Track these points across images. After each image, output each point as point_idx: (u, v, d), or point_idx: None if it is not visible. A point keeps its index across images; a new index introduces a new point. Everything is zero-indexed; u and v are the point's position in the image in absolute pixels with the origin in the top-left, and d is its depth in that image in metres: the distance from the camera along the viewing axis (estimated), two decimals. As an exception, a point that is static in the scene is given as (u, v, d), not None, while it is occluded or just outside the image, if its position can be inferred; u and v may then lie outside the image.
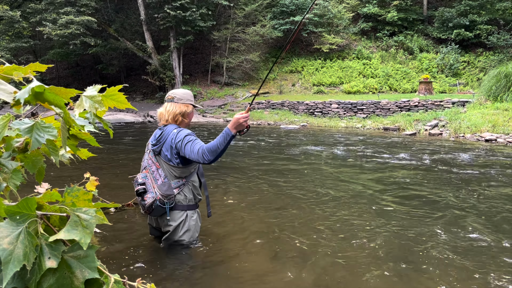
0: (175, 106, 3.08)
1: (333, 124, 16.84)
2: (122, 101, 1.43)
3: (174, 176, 3.01)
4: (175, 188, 3.00)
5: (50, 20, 23.73)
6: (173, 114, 3.06)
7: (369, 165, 7.38)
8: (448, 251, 3.25)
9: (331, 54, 27.24)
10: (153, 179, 3.00)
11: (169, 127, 3.04)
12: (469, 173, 6.58)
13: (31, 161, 1.49)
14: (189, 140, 2.87)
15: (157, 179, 2.99)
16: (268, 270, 2.88)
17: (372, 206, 4.62)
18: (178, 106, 3.08)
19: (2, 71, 1.22)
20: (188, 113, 3.13)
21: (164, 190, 2.93)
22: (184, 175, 3.05)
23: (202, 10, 24.71)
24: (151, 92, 28.50)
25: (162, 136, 3.03)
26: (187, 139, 2.88)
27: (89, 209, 1.00)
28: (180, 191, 3.02)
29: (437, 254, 3.18)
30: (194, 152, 2.81)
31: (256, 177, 6.29)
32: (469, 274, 2.84)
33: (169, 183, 2.98)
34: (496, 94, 14.56)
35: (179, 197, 3.02)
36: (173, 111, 3.07)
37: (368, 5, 27.51)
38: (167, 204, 2.95)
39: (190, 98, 3.17)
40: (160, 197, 2.92)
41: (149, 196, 2.94)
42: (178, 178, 3.02)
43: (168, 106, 3.10)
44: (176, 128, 3.01)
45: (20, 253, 0.87)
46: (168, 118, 3.07)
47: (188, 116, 3.14)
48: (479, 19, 23.91)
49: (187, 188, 3.06)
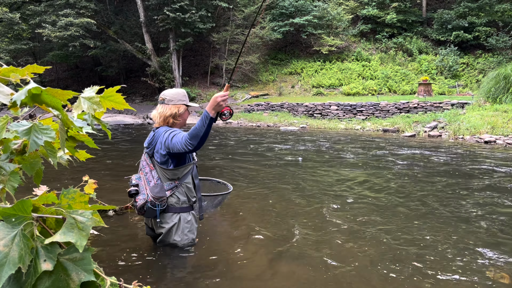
0: (166, 108, 3.03)
1: (332, 125, 16.84)
2: (120, 102, 1.43)
3: (167, 178, 2.99)
4: (168, 190, 2.97)
5: (50, 22, 23.75)
6: (164, 117, 3.02)
7: (367, 165, 7.38)
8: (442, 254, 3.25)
9: (331, 56, 27.27)
10: (146, 181, 3.00)
11: (160, 129, 3.01)
12: (471, 175, 6.58)
13: (29, 163, 1.49)
14: (174, 134, 2.85)
15: (150, 181, 2.98)
16: (265, 272, 2.87)
17: (372, 206, 4.61)
18: (169, 108, 3.03)
19: (0, 73, 1.21)
20: (180, 114, 3.06)
21: (155, 192, 2.91)
22: (176, 177, 3.01)
23: (201, 12, 24.74)
24: (151, 94, 28.50)
25: (153, 139, 3.02)
26: (172, 134, 2.86)
27: (85, 212, 0.99)
28: (172, 193, 2.99)
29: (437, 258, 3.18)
30: (179, 142, 2.76)
31: (254, 177, 6.29)
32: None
33: (161, 185, 2.96)
34: (495, 96, 14.57)
35: (171, 200, 2.99)
36: (164, 113, 3.02)
37: (367, 7, 27.56)
38: (158, 207, 2.92)
39: (182, 98, 3.09)
40: (151, 199, 2.90)
41: (141, 197, 2.93)
42: (170, 180, 3.00)
43: (159, 108, 3.07)
44: (166, 131, 2.96)
45: (16, 255, 0.87)
46: (159, 120, 3.04)
47: (180, 117, 3.07)
48: (478, 21, 23.96)
49: (180, 190, 3.02)
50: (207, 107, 2.71)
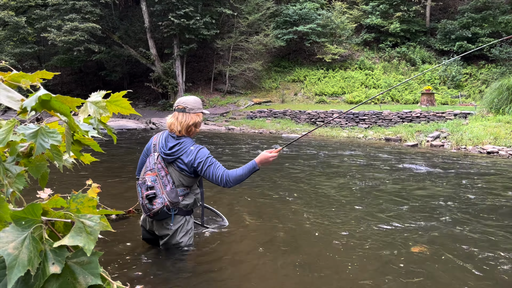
0: (188, 117, 3.01)
1: (334, 133, 16.85)
2: (126, 107, 1.45)
3: (182, 184, 3.04)
4: (180, 196, 3.03)
5: (55, 27, 23.93)
6: (186, 126, 3.01)
7: (369, 174, 7.38)
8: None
9: (334, 64, 27.35)
10: (162, 184, 2.98)
11: (186, 142, 3.01)
12: (475, 187, 6.57)
13: (35, 166, 1.50)
14: (211, 163, 2.94)
15: (166, 185, 2.98)
16: (268, 274, 2.87)
17: (374, 210, 4.61)
18: (191, 117, 3.02)
19: (10, 78, 1.24)
20: (200, 122, 3.10)
21: (172, 198, 2.95)
22: (191, 184, 3.10)
23: (206, 19, 24.90)
24: (154, 99, 28.60)
25: (178, 149, 2.99)
26: (209, 161, 2.94)
27: (94, 216, 1.01)
28: (184, 199, 3.06)
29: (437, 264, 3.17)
30: (216, 176, 2.90)
31: (256, 182, 6.29)
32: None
33: (176, 190, 3.00)
34: (498, 107, 14.57)
35: (182, 204, 3.05)
36: (187, 122, 3.00)
37: (371, 16, 27.67)
38: (173, 211, 2.98)
39: (200, 106, 3.12)
40: (168, 203, 2.93)
41: (159, 201, 2.93)
42: (184, 187, 3.05)
43: (180, 116, 3.02)
44: (193, 145, 3.00)
45: (25, 258, 0.88)
46: (181, 129, 3.01)
47: (199, 125, 3.12)
48: (482, 32, 24.02)
49: (190, 196, 3.10)
50: (257, 159, 2.94)
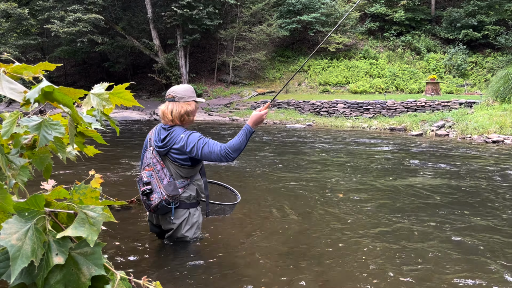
0: (178, 106, 2.98)
1: (339, 123, 16.80)
2: (129, 98, 1.44)
3: (180, 175, 2.99)
4: (180, 188, 2.98)
5: (58, 18, 23.86)
6: (178, 115, 2.98)
7: (374, 166, 7.36)
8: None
9: (338, 53, 27.15)
10: (158, 179, 2.95)
11: (176, 130, 2.97)
12: (481, 177, 6.54)
13: (39, 158, 1.51)
14: (204, 143, 2.88)
15: (163, 179, 2.95)
16: (274, 268, 2.89)
17: (376, 206, 4.62)
18: (181, 106, 2.98)
19: (12, 70, 1.23)
20: (192, 111, 3.04)
21: (170, 191, 2.90)
22: (190, 175, 3.04)
23: (209, 9, 24.72)
24: (157, 90, 28.57)
25: (169, 139, 2.96)
26: (202, 142, 2.88)
27: (96, 207, 1.01)
28: (185, 190, 3.01)
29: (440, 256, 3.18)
30: (215, 153, 2.83)
31: (260, 175, 6.30)
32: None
33: (174, 183, 2.95)
34: (504, 95, 14.45)
35: (183, 196, 3.00)
36: (178, 111, 2.97)
37: (376, 5, 27.36)
38: (173, 204, 2.94)
39: (191, 94, 3.06)
40: (166, 197, 2.90)
41: (155, 196, 2.91)
42: (183, 178, 3.01)
43: (170, 106, 3.00)
44: (184, 132, 2.94)
45: (28, 249, 0.89)
46: (173, 118, 2.98)
47: (192, 113, 3.06)
48: (488, 20, 23.72)
49: (191, 187, 3.05)
50: (249, 122, 2.88)
